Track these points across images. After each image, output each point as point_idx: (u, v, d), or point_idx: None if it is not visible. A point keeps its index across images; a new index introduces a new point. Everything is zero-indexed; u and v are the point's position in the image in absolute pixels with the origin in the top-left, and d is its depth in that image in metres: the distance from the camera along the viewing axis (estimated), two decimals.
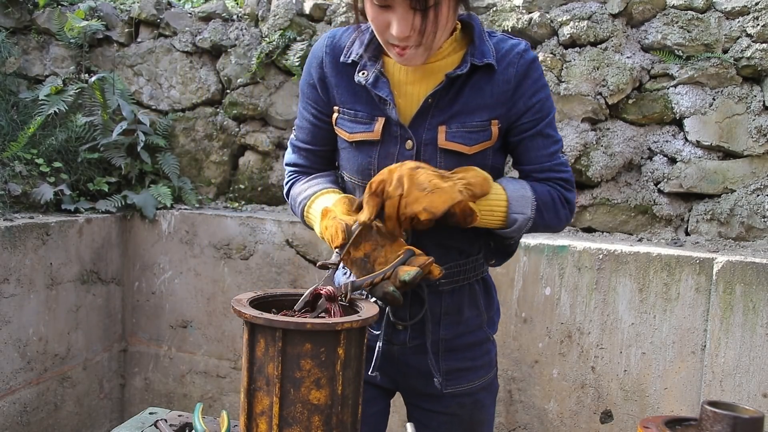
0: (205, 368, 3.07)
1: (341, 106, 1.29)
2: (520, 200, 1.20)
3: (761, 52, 2.53)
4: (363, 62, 1.25)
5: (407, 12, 1.10)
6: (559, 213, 1.27)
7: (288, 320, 0.96)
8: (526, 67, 1.24)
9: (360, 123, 1.27)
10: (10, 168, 2.87)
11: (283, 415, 0.97)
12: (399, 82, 1.25)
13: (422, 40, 1.14)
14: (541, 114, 1.26)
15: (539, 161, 1.28)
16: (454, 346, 1.37)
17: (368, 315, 1.01)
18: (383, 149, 1.25)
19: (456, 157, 1.23)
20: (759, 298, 2.23)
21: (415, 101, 1.25)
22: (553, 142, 1.29)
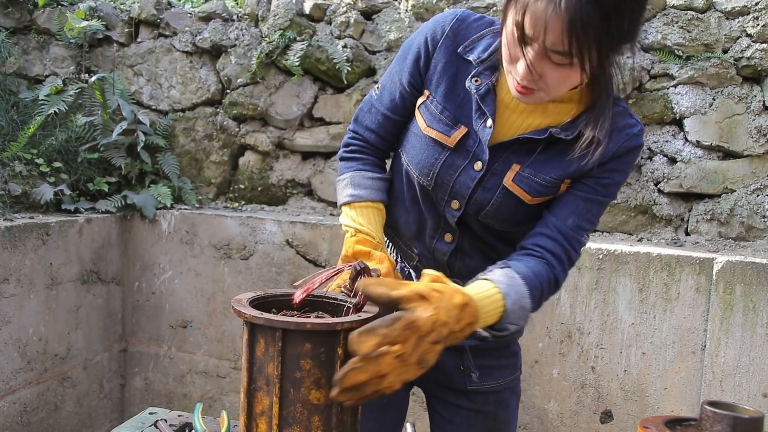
0: (205, 368, 3.07)
1: (433, 93, 1.23)
2: (517, 312, 1.09)
3: (761, 52, 2.53)
4: (480, 69, 1.18)
5: (543, 59, 1.02)
6: (542, 301, 1.18)
7: (288, 320, 0.96)
8: (626, 150, 1.18)
9: (442, 122, 1.21)
10: (10, 168, 2.87)
11: (283, 415, 0.97)
12: (502, 103, 1.19)
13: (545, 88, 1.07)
14: (603, 190, 1.19)
15: (564, 221, 1.18)
16: (483, 348, 1.37)
17: (368, 315, 1.01)
18: (450, 158, 1.21)
19: (514, 200, 1.19)
20: (759, 298, 2.23)
21: (508, 129, 1.19)
22: (589, 221, 1.20)
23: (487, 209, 1.21)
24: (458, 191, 1.22)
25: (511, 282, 1.10)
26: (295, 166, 3.19)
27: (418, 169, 1.25)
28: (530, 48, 1.02)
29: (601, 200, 1.20)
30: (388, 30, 3.01)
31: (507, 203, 1.20)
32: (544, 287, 1.16)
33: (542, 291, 1.15)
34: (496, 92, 1.18)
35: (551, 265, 1.17)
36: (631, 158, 1.19)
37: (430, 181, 1.23)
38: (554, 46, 1.00)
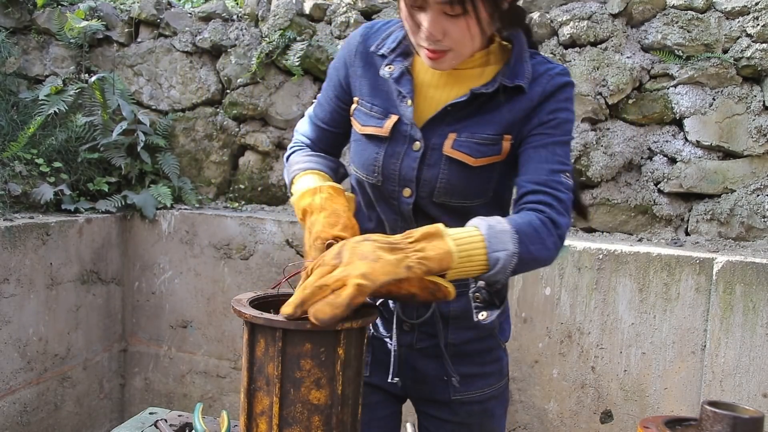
0: (205, 368, 3.07)
1: (360, 97, 1.29)
2: (498, 236, 1.05)
3: (761, 52, 2.53)
4: (392, 57, 1.25)
5: (439, 16, 1.09)
6: (545, 242, 1.11)
7: (283, 319, 0.96)
8: (554, 87, 1.20)
9: (373, 117, 1.26)
10: (10, 168, 2.87)
11: (283, 415, 0.97)
12: (423, 83, 1.24)
13: (452, 45, 1.12)
14: (554, 131, 1.20)
15: (537, 173, 1.18)
16: (464, 352, 1.34)
17: (368, 317, 1.01)
18: (390, 147, 1.24)
19: (460, 167, 1.21)
20: (759, 298, 2.23)
21: (434, 105, 1.23)
22: (559, 162, 1.19)
23: (438, 186, 1.22)
24: (405, 177, 1.23)
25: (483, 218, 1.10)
26: None
27: (364, 170, 1.28)
28: (424, 13, 1.10)
29: (559, 140, 1.21)
30: None
31: (455, 173, 1.21)
32: (536, 226, 1.11)
33: (534, 229, 1.11)
34: (412, 75, 1.24)
35: (539, 210, 1.15)
36: (564, 95, 1.22)
37: (378, 177, 1.26)
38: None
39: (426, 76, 1.24)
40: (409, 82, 1.23)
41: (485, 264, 1.04)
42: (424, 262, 0.98)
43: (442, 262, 0.99)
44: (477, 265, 1.04)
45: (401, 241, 1.00)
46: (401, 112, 1.23)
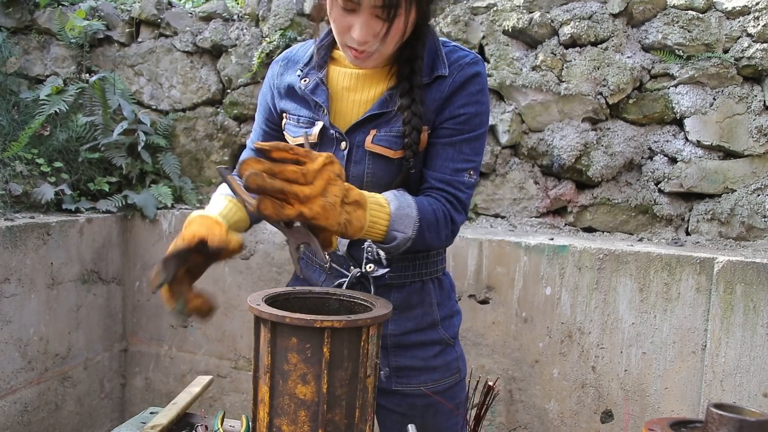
0: (205, 368, 3.07)
1: (288, 113, 1.36)
2: (403, 219, 1.17)
3: (762, 51, 2.53)
4: (306, 70, 1.33)
5: (371, 18, 1.14)
6: (440, 233, 1.24)
7: (271, 312, 0.98)
8: (464, 78, 1.25)
9: (302, 127, 1.32)
10: (11, 168, 2.87)
11: (273, 404, 1.00)
12: (341, 89, 1.31)
13: (380, 47, 1.18)
14: (463, 127, 1.25)
15: (441, 170, 1.26)
16: (403, 343, 1.38)
17: (358, 317, 1.00)
18: (320, 151, 1.28)
19: (382, 160, 1.27)
20: (759, 298, 2.23)
21: (355, 107, 1.29)
22: (465, 160, 1.26)
23: (365, 180, 1.28)
24: None
25: (400, 194, 1.20)
26: None
27: None
28: (356, 15, 1.15)
29: (468, 137, 1.26)
30: None
31: (378, 166, 1.27)
32: (438, 216, 1.22)
33: (436, 218, 1.22)
34: (326, 84, 1.30)
35: (441, 202, 1.25)
36: (475, 87, 1.26)
37: None
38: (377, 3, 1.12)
39: (343, 82, 1.31)
40: (324, 92, 1.29)
41: (383, 237, 1.16)
42: (347, 226, 1.07)
43: (355, 233, 1.09)
44: (376, 235, 1.16)
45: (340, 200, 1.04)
46: (321, 118, 1.30)
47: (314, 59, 1.33)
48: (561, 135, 2.76)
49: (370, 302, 1.11)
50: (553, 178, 2.86)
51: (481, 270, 2.58)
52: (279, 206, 0.96)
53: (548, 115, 2.79)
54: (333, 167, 1.02)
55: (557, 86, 2.73)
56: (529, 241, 2.53)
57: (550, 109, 2.78)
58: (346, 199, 1.06)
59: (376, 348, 1.04)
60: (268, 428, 1.01)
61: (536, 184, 2.87)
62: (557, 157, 2.77)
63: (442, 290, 1.43)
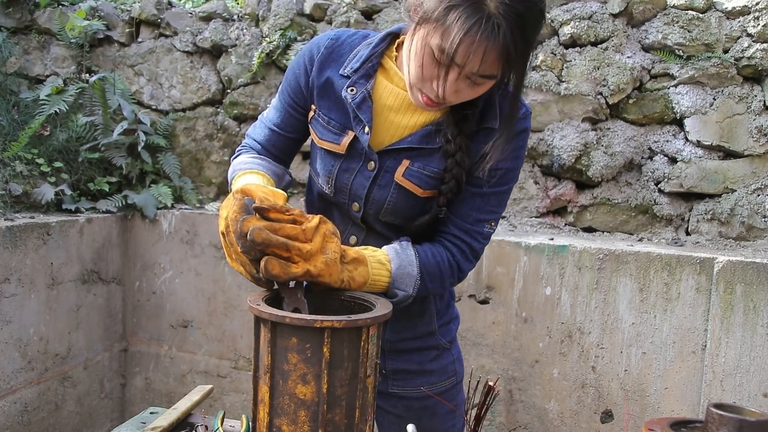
0: (205, 368, 3.07)
1: (318, 108, 1.28)
2: (404, 278, 1.19)
3: (762, 51, 2.53)
4: (354, 78, 1.23)
5: (462, 79, 1.07)
6: (444, 282, 1.26)
7: (271, 312, 0.98)
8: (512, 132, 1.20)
9: (331, 131, 1.26)
10: (11, 168, 2.87)
11: (273, 404, 1.00)
12: (384, 107, 1.23)
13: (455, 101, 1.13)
14: (495, 181, 1.22)
15: (463, 217, 1.25)
16: (400, 348, 1.38)
17: (358, 317, 1.00)
18: (345, 163, 1.25)
19: (407, 194, 1.23)
20: (759, 298, 2.23)
21: (392, 128, 1.23)
22: (489, 212, 1.25)
23: (385, 207, 1.25)
24: (355, 193, 1.26)
25: (402, 250, 1.20)
26: (295, 165, 3.19)
27: (320, 178, 1.31)
28: (453, 71, 1.05)
29: (497, 191, 1.24)
30: None
31: (402, 199, 1.24)
32: (442, 268, 1.24)
33: (440, 270, 1.23)
34: (372, 99, 1.23)
35: (451, 252, 1.25)
36: (519, 143, 1.22)
37: (331, 188, 1.28)
38: (484, 72, 1.04)
39: (387, 100, 1.23)
40: (369, 109, 1.22)
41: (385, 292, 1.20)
42: (349, 282, 1.11)
43: (360, 285, 1.14)
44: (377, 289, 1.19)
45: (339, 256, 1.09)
46: (358, 134, 1.23)
47: (365, 67, 1.23)
48: (561, 135, 2.76)
49: (370, 302, 1.11)
50: (553, 178, 2.86)
51: (481, 270, 2.58)
52: (285, 265, 0.99)
53: (548, 115, 2.79)
54: (327, 225, 1.05)
55: (557, 86, 2.73)
56: (529, 241, 2.53)
57: (550, 109, 2.78)
58: (344, 258, 1.10)
59: (376, 348, 1.04)
60: (268, 428, 1.01)
61: (536, 184, 2.86)
62: (557, 157, 2.77)
63: (442, 300, 1.42)
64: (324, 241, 1.04)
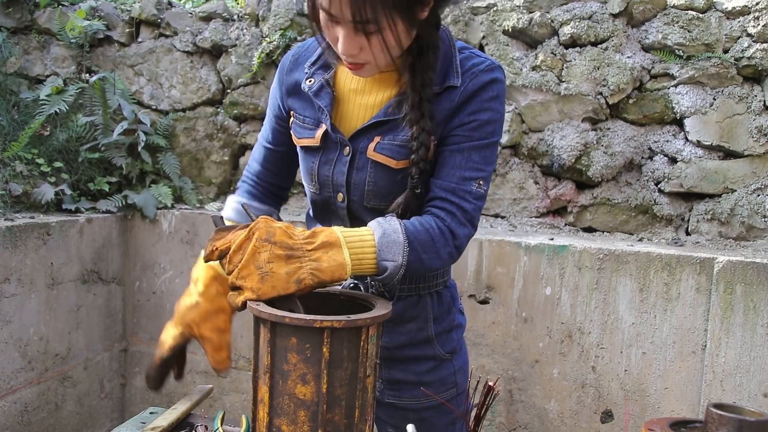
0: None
1: (294, 112, 1.32)
2: (389, 246, 1.10)
3: (762, 51, 2.53)
4: (312, 70, 1.28)
5: (352, 32, 1.09)
6: (439, 252, 1.16)
7: (271, 312, 0.98)
8: (478, 86, 1.18)
9: (306, 128, 1.29)
10: (11, 168, 2.87)
11: (273, 404, 1.00)
12: (348, 91, 1.26)
13: (369, 59, 1.13)
14: (472, 134, 1.18)
15: (447, 178, 1.19)
16: (396, 357, 1.34)
17: (357, 317, 1.00)
18: (324, 155, 1.27)
19: (384, 169, 1.22)
20: (759, 298, 2.23)
21: (361, 110, 1.25)
22: (473, 169, 1.18)
23: (366, 190, 1.24)
24: (337, 182, 1.26)
25: (385, 220, 1.14)
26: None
27: (306, 180, 1.32)
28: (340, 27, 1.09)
29: (477, 144, 1.19)
30: None
31: (380, 176, 1.23)
32: (433, 234, 1.16)
33: (431, 237, 1.15)
34: (332, 86, 1.26)
35: (440, 218, 1.18)
36: (489, 94, 1.19)
37: (315, 185, 1.29)
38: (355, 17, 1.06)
39: (350, 84, 1.26)
40: (328, 95, 1.25)
41: (374, 269, 1.11)
42: (316, 274, 1.03)
43: (334, 274, 1.04)
44: (367, 269, 1.10)
45: (301, 247, 1.04)
46: (324, 121, 1.26)
47: (322, 58, 1.28)
48: (561, 135, 2.76)
49: (370, 302, 1.11)
50: (553, 178, 2.86)
51: (481, 270, 2.58)
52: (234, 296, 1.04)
53: (548, 115, 2.79)
54: (259, 233, 1.02)
55: (557, 86, 2.73)
56: (529, 241, 2.53)
57: (550, 109, 2.78)
58: (308, 246, 1.04)
59: (376, 348, 1.04)
60: (267, 428, 1.01)
61: (536, 184, 2.87)
62: (557, 157, 2.77)
63: (441, 304, 1.37)
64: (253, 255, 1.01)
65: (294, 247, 1.03)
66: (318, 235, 1.06)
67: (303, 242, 1.04)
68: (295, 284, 1.02)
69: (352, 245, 1.08)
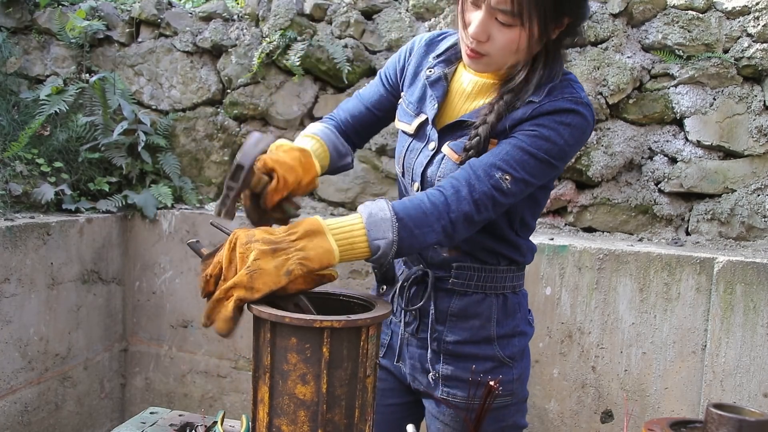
0: (205, 368, 3.07)
1: (405, 93, 1.36)
2: (378, 224, 1.07)
3: (762, 51, 2.53)
4: (435, 62, 1.31)
5: (490, 20, 1.13)
6: (433, 226, 1.11)
7: (271, 312, 0.98)
8: (555, 108, 1.18)
9: (408, 114, 1.33)
10: (11, 168, 2.87)
11: (273, 404, 1.00)
12: (457, 91, 1.29)
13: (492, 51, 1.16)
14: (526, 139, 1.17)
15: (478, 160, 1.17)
16: (456, 352, 1.34)
17: (357, 317, 1.00)
18: (413, 143, 1.31)
19: (448, 163, 1.25)
20: (759, 298, 2.23)
21: (457, 111, 1.28)
22: (504, 162, 1.15)
23: (436, 183, 1.25)
24: (416, 171, 1.30)
25: (373, 202, 1.12)
26: None
27: (396, 160, 1.37)
28: (478, 11, 1.14)
29: (524, 147, 1.17)
30: (389, 30, 3.01)
31: (447, 170, 1.25)
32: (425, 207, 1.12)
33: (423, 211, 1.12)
34: (448, 81, 1.29)
35: (440, 190, 1.15)
36: (562, 118, 1.19)
37: (401, 168, 1.34)
38: (499, 5, 1.11)
39: (463, 85, 1.29)
40: (442, 87, 1.28)
41: (367, 251, 1.08)
42: (304, 263, 1.01)
43: (322, 260, 1.03)
44: (360, 253, 1.08)
45: (284, 239, 1.02)
46: (427, 110, 1.29)
47: (447, 53, 1.31)
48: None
49: (369, 302, 1.11)
50: None
51: None
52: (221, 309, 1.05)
53: None
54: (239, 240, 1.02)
55: None
56: None
57: None
58: (291, 236, 1.02)
59: (376, 348, 1.04)
60: (267, 428, 1.01)
61: None
62: None
63: (505, 308, 1.37)
64: (242, 259, 1.01)
65: (276, 240, 1.02)
66: (299, 225, 1.04)
67: (285, 235, 1.03)
68: (285, 276, 1.00)
69: (336, 231, 1.06)
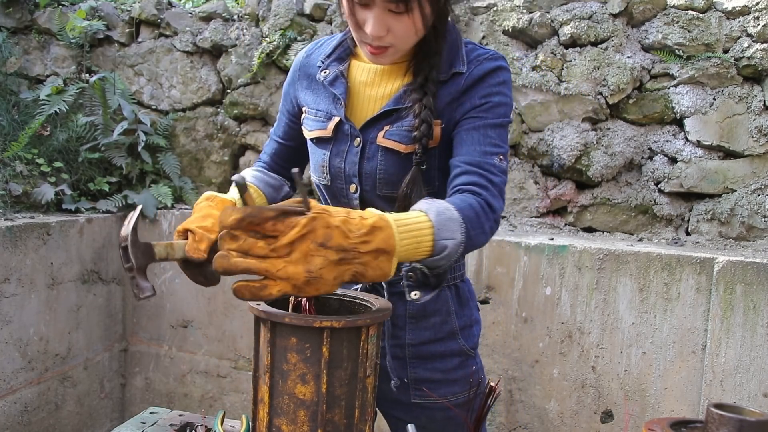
0: (205, 368, 3.07)
1: (307, 106, 1.35)
2: (447, 224, 1.02)
3: (762, 51, 2.53)
4: (327, 62, 1.32)
5: (384, 13, 1.13)
6: (484, 227, 1.11)
7: (271, 311, 0.98)
8: (483, 71, 1.22)
9: (318, 121, 1.32)
10: (11, 168, 2.87)
11: (273, 404, 1.00)
12: (359, 83, 1.30)
13: (395, 42, 1.17)
14: (486, 114, 1.21)
15: (469, 154, 1.18)
16: (423, 354, 1.34)
17: (357, 317, 1.01)
18: (335, 147, 1.29)
19: (393, 155, 1.24)
20: (759, 298, 2.23)
21: (371, 102, 1.28)
22: (492, 144, 1.19)
23: (378, 178, 1.26)
24: (349, 172, 1.28)
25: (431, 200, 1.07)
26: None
27: (316, 173, 1.34)
28: (369, 10, 1.13)
29: (492, 122, 1.21)
30: None
31: (390, 162, 1.25)
32: (476, 208, 1.10)
33: (475, 212, 1.09)
34: (346, 77, 1.30)
35: (474, 192, 1.14)
36: (496, 79, 1.23)
37: (327, 177, 1.32)
38: None
39: (362, 77, 1.30)
40: (343, 84, 1.29)
41: (430, 251, 1.00)
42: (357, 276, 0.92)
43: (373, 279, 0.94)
44: (422, 252, 1.00)
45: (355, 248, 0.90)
46: (337, 111, 1.29)
47: (337, 51, 1.33)
48: (561, 135, 2.76)
49: (370, 302, 1.11)
50: (553, 178, 2.86)
51: (481, 270, 2.59)
52: (258, 288, 0.86)
53: (548, 115, 2.79)
54: (314, 235, 0.87)
55: (557, 86, 2.73)
56: (529, 241, 2.53)
57: (550, 109, 2.78)
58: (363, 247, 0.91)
59: (376, 348, 1.04)
60: (267, 428, 1.01)
61: (536, 184, 2.87)
62: (557, 157, 2.77)
63: (459, 298, 1.38)
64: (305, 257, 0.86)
65: (348, 248, 0.89)
66: (376, 235, 0.92)
67: (358, 242, 0.90)
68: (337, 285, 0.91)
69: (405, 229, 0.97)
